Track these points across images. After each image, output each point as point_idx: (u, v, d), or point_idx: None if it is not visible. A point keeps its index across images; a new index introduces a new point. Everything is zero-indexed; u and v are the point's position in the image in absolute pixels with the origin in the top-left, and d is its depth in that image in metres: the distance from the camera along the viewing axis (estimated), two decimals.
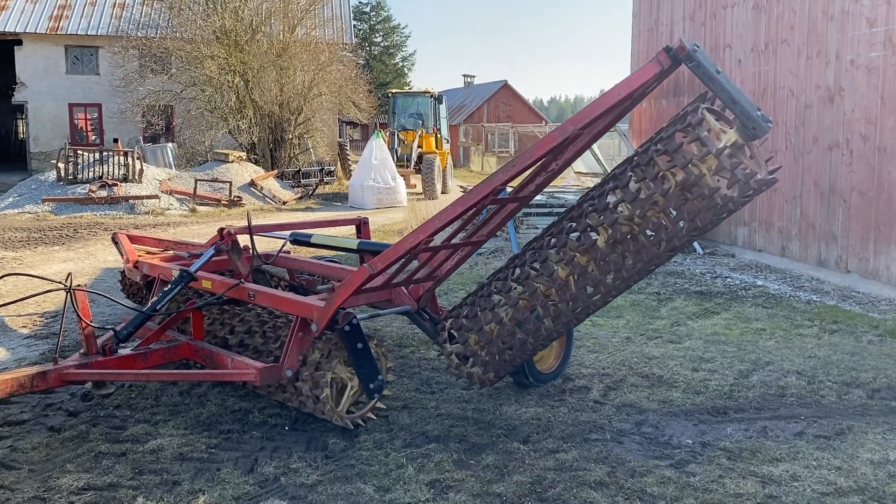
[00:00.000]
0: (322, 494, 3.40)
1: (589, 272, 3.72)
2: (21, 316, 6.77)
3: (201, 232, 12.75)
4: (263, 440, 4.02)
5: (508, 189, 4.29)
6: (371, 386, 4.06)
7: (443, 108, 22.77)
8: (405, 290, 4.66)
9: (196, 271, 4.60)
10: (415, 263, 4.32)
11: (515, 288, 3.97)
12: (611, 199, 3.60)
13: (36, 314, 6.87)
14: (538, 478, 3.55)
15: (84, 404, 4.54)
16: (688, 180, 3.29)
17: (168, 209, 15.75)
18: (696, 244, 10.28)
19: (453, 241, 4.23)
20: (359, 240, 4.82)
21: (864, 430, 4.13)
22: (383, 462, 3.72)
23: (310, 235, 5.11)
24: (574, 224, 3.75)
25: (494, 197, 3.80)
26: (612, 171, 3.69)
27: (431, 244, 3.94)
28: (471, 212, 3.87)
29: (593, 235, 3.67)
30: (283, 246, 5.11)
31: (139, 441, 3.98)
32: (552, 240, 3.87)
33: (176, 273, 4.64)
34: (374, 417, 4.23)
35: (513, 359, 4.13)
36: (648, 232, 3.51)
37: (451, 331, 4.24)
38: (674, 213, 3.41)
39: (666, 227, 3.46)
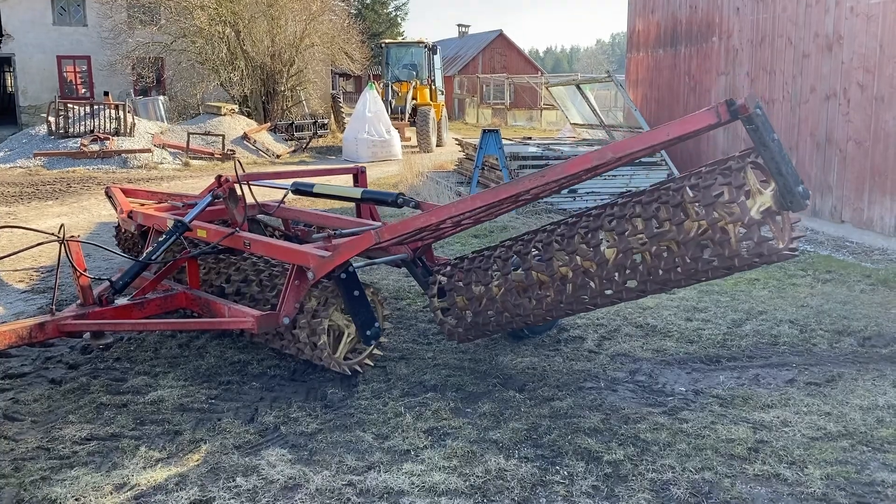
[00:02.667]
0: (322, 442, 3.46)
1: (588, 280, 3.72)
2: (17, 271, 6.78)
3: (195, 186, 12.68)
4: (263, 391, 4.07)
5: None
6: (368, 333, 4.09)
7: (437, 59, 22.48)
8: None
9: (191, 221, 4.58)
10: None
11: (515, 270, 4.01)
12: (630, 218, 3.57)
13: (32, 269, 6.87)
14: (533, 425, 3.62)
15: (84, 357, 4.58)
16: (709, 229, 3.28)
17: (161, 163, 15.64)
18: None
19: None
20: (362, 189, 4.76)
21: (854, 377, 4.20)
22: (381, 411, 3.78)
23: (311, 185, 5.05)
24: (588, 229, 3.72)
25: (515, 200, 3.80)
26: (642, 192, 3.61)
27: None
28: (487, 210, 3.86)
29: (603, 246, 3.67)
30: (286, 196, 5.08)
31: (140, 393, 4.03)
32: (562, 236, 3.85)
33: (171, 223, 4.63)
34: (371, 364, 4.29)
35: (493, 330, 4.27)
36: (654, 261, 3.50)
37: (443, 286, 4.31)
38: (684, 253, 3.39)
39: (672, 262, 3.45)
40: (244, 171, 4.93)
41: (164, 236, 4.53)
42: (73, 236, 4.04)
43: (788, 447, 3.38)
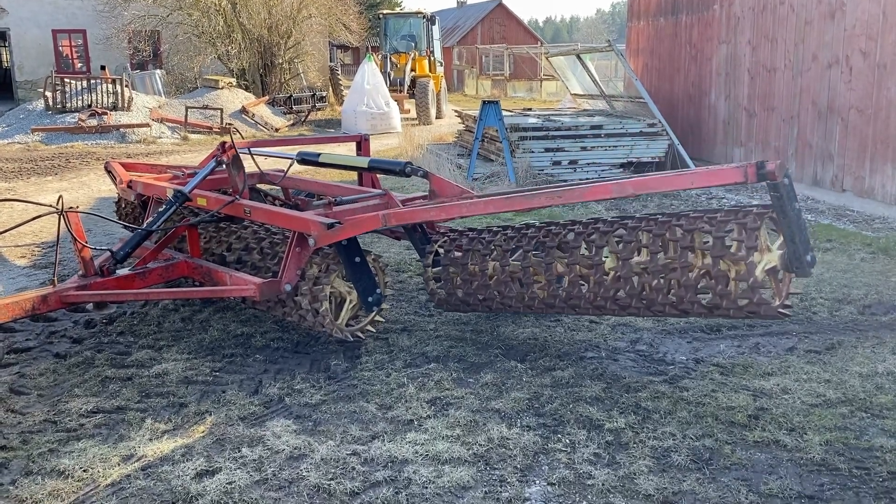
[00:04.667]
0: (326, 413, 3.49)
1: (582, 287, 3.80)
2: (19, 246, 6.79)
3: (195, 160, 12.63)
4: (266, 363, 4.10)
5: None
6: (369, 299, 4.11)
7: (436, 30, 22.27)
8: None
9: (191, 190, 4.57)
10: None
11: (514, 260, 4.06)
12: (636, 247, 3.62)
13: (33, 244, 6.88)
14: (535, 394, 3.65)
15: (88, 331, 4.60)
16: (711, 270, 3.35)
17: (160, 137, 15.57)
18: (692, 164, 10.25)
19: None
20: (369, 158, 4.72)
21: (853, 345, 4.23)
22: (385, 382, 3.81)
23: (317, 154, 5.00)
24: (594, 244, 3.76)
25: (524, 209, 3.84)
26: (654, 219, 3.63)
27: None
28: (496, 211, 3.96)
29: (606, 262, 3.73)
30: (291, 165, 5.05)
31: (144, 366, 4.06)
32: (566, 242, 3.87)
33: (170, 192, 4.62)
34: (373, 330, 4.32)
35: (478, 309, 4.35)
36: (649, 288, 3.57)
37: (439, 256, 4.40)
38: (682, 293, 3.47)
39: (667, 294, 3.53)
40: (242, 139, 4.91)
41: (164, 206, 4.52)
42: (71, 208, 4.04)
43: (788, 414, 3.42)
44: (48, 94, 15.95)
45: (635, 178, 3.41)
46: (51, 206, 3.94)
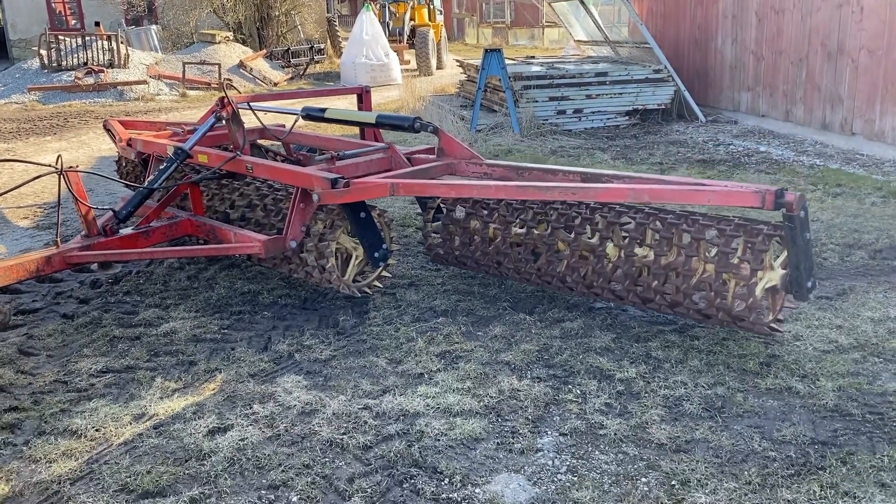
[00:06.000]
0: (336, 368, 3.49)
1: (580, 267, 3.82)
2: (21, 208, 6.74)
3: (194, 116, 12.48)
4: (275, 320, 4.08)
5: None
6: (376, 255, 4.08)
7: None
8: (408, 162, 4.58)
9: (191, 147, 4.50)
10: None
11: (517, 229, 4.07)
12: (641, 242, 3.65)
13: (35, 205, 6.83)
14: (545, 346, 3.64)
15: (94, 291, 4.59)
16: (712, 282, 3.39)
17: (158, 94, 15.37)
18: (698, 111, 10.10)
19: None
20: (377, 113, 4.60)
21: (865, 290, 4.19)
22: (394, 336, 3.79)
23: (322, 110, 4.88)
24: (599, 230, 3.77)
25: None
26: (664, 217, 3.60)
27: None
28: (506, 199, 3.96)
29: (608, 247, 3.74)
30: (296, 121, 4.95)
31: (152, 325, 4.05)
32: (577, 220, 3.87)
33: (171, 149, 4.55)
34: (380, 286, 4.30)
35: (471, 267, 4.39)
36: (647, 280, 3.61)
37: (440, 215, 4.44)
38: (678, 289, 3.52)
39: (662, 289, 3.57)
40: (240, 93, 4.82)
41: (165, 163, 4.45)
42: (71, 167, 3.98)
43: (800, 361, 3.40)
44: (43, 52, 15.71)
45: (653, 186, 3.38)
46: (50, 165, 3.88)
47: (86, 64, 15.61)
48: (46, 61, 15.65)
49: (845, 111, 8.11)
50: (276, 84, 17.56)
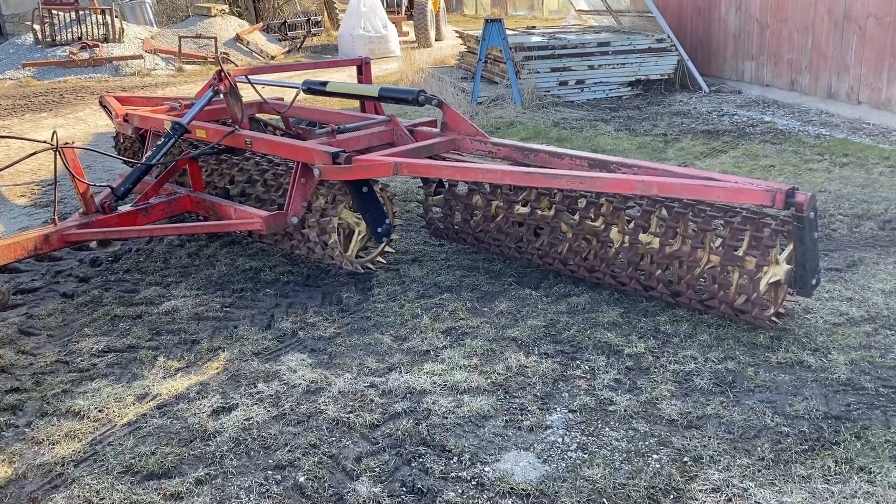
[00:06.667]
0: (341, 346, 3.44)
1: (582, 249, 3.80)
2: (18, 185, 6.66)
3: (191, 91, 12.33)
4: (277, 297, 4.03)
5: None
6: (379, 230, 4.02)
7: None
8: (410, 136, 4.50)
9: (189, 122, 4.41)
10: None
11: (520, 207, 4.04)
12: (646, 229, 3.61)
13: (33, 183, 6.75)
14: (552, 321, 3.59)
15: (94, 270, 4.53)
16: (717, 275, 3.35)
17: (154, 69, 15.19)
18: (701, 81, 9.97)
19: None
20: (380, 86, 4.50)
21: (875, 262, 4.14)
22: (398, 313, 3.74)
23: (324, 83, 4.77)
24: (604, 217, 3.73)
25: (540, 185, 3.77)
26: (671, 206, 3.55)
27: None
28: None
29: (612, 232, 3.71)
30: (297, 94, 4.86)
31: (153, 303, 4.00)
32: (581, 202, 3.85)
33: (168, 124, 4.47)
34: (384, 261, 4.25)
35: (469, 243, 4.36)
36: (650, 271, 3.60)
37: (441, 189, 4.40)
38: (680, 279, 3.50)
39: (665, 279, 3.56)
40: (237, 66, 4.72)
41: (162, 139, 4.37)
42: (67, 143, 3.90)
43: (811, 334, 3.35)
44: (36, 27, 15.49)
45: (662, 179, 3.30)
46: (45, 142, 3.80)
47: (80, 39, 15.41)
48: (40, 36, 15.44)
49: (852, 80, 8.00)
50: (272, 57, 17.35)
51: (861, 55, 7.82)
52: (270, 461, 2.63)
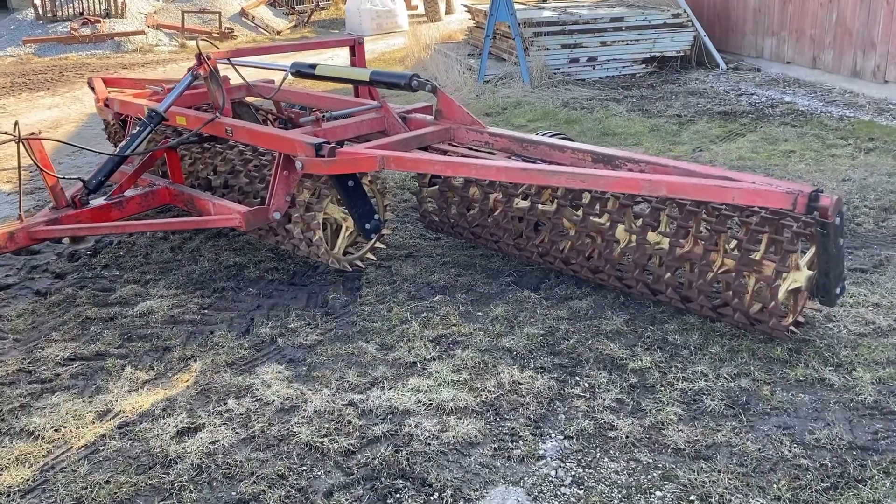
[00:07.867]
0: (321, 356, 3.19)
1: (586, 248, 3.54)
2: (5, 170, 6.43)
3: None
4: (260, 297, 3.78)
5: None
6: (367, 226, 3.76)
7: None
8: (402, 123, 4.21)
9: (166, 109, 4.13)
10: None
11: (520, 201, 3.80)
12: (655, 228, 3.35)
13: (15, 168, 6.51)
14: (550, 329, 3.32)
15: (71, 265, 4.30)
16: (731, 281, 3.08)
17: (157, 45, 14.90)
18: (719, 58, 9.55)
19: None
20: (371, 70, 4.21)
21: None
22: (386, 318, 3.48)
23: (313, 66, 4.48)
24: (610, 213, 3.46)
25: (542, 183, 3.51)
26: (682, 205, 3.26)
27: None
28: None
29: (618, 231, 3.45)
30: (285, 79, 4.57)
31: (128, 304, 3.76)
32: (585, 198, 3.57)
33: (146, 110, 4.20)
34: (374, 258, 4.00)
35: (465, 237, 4.13)
36: (658, 274, 3.33)
37: (437, 179, 4.16)
38: (690, 285, 3.22)
39: (675, 283, 3.29)
40: (218, 49, 4.44)
41: (138, 127, 4.10)
42: (32, 134, 3.64)
43: (834, 346, 3.06)
44: (37, 1, 15.22)
45: (672, 178, 2.99)
46: (6, 133, 3.55)
47: (81, 14, 15.13)
48: (41, 11, 15.17)
49: (878, 57, 7.58)
50: (279, 33, 16.99)
51: (889, 31, 7.40)
52: (233, 493, 2.39)
